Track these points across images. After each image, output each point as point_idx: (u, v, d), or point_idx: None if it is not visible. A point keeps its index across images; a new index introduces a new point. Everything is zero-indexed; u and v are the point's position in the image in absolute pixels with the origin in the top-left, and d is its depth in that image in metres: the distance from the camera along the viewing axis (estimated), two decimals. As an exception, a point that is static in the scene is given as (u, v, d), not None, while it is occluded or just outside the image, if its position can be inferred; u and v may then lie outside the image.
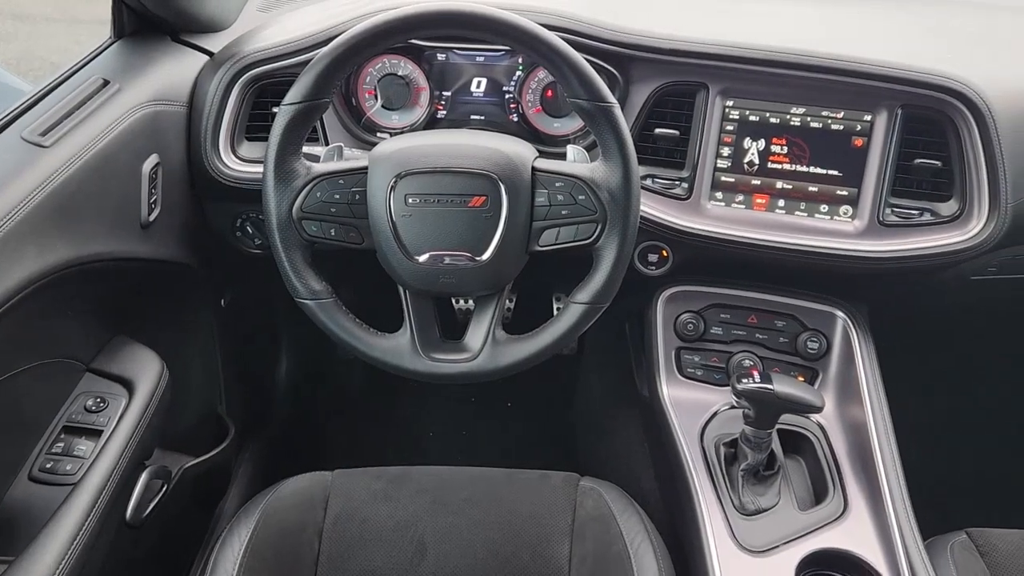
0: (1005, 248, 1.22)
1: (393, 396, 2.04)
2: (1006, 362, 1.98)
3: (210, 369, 1.55)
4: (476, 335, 1.06)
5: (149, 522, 1.14)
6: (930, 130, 1.20)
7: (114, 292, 1.17)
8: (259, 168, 1.07)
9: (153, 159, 1.15)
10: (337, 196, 1.01)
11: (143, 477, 1.12)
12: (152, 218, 1.16)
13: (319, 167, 1.02)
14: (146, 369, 1.16)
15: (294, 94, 0.98)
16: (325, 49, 0.98)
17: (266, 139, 1.00)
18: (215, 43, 1.30)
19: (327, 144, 1.27)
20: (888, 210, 1.23)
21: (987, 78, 1.17)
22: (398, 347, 1.06)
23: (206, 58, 1.28)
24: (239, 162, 1.25)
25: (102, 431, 1.07)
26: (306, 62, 1.03)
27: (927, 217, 1.22)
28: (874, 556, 1.07)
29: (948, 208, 1.22)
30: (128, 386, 1.13)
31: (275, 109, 1.07)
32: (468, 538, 1.10)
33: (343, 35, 0.97)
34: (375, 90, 1.29)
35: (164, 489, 1.19)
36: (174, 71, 1.24)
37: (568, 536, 1.10)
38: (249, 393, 1.73)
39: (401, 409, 2.04)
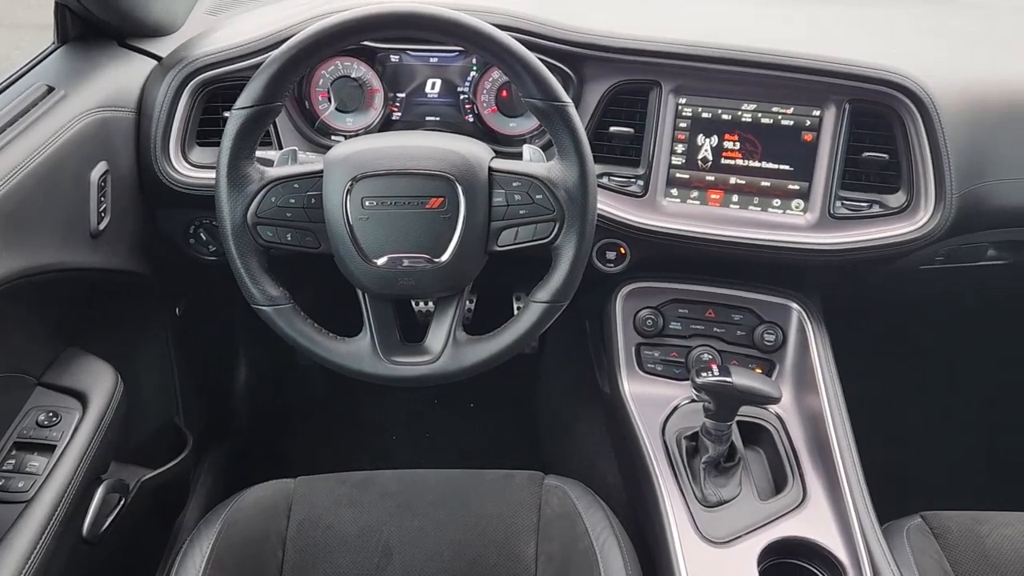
0: (951, 238, 1.25)
1: (354, 401, 2.02)
2: (955, 348, 2.04)
3: (166, 379, 1.52)
4: (437, 337, 1.06)
5: (107, 538, 1.12)
6: (877, 124, 1.23)
7: (65, 303, 1.15)
8: (211, 174, 1.06)
9: (102, 167, 1.13)
10: (292, 200, 1.00)
11: (99, 492, 1.10)
12: (102, 227, 1.14)
13: (273, 172, 1.01)
14: (99, 381, 1.13)
15: (246, 98, 0.97)
16: (277, 52, 0.97)
17: (218, 144, 0.99)
18: (163, 47, 1.28)
19: (281, 148, 1.25)
20: (838, 203, 1.25)
21: (931, 72, 1.20)
22: (358, 351, 1.05)
23: (154, 63, 1.26)
24: (190, 168, 1.23)
25: (55, 446, 1.04)
26: (257, 65, 1.02)
27: (876, 209, 1.25)
28: (833, 542, 1.09)
29: (896, 200, 1.24)
30: (81, 399, 1.10)
31: (226, 114, 1.06)
32: (434, 541, 1.10)
33: (295, 37, 0.96)
34: (328, 93, 1.28)
35: (122, 503, 1.16)
36: (121, 76, 1.21)
37: (534, 535, 1.10)
38: (207, 402, 1.70)
39: (363, 414, 2.02)
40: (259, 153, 1.02)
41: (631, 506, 1.36)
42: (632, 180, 1.28)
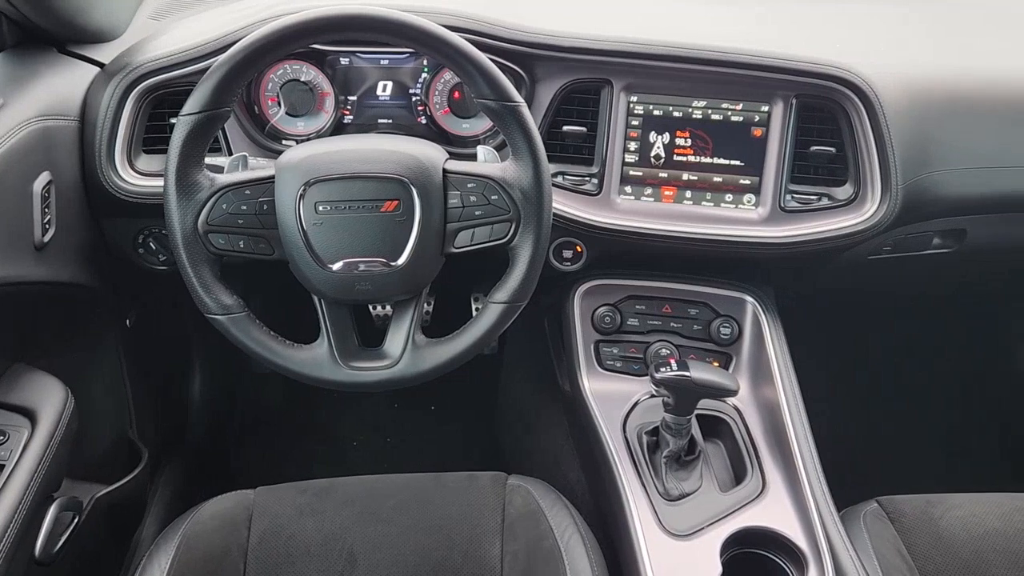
0: (898, 227, 1.28)
1: (313, 408, 2.00)
2: (903, 336, 2.09)
3: (118, 392, 1.49)
4: (396, 341, 1.05)
5: (61, 558, 1.09)
6: (824, 118, 1.25)
7: (10, 318, 1.12)
8: (159, 182, 1.04)
9: (45, 177, 1.10)
10: (244, 207, 0.99)
11: (52, 510, 1.07)
12: (47, 239, 1.11)
13: (223, 178, 0.99)
14: (49, 397, 1.10)
15: (192, 104, 0.95)
16: (223, 56, 0.95)
17: (165, 151, 0.97)
18: (105, 54, 1.25)
19: (230, 154, 1.23)
20: (788, 196, 1.27)
21: (875, 66, 1.23)
22: (316, 358, 1.04)
23: (97, 70, 1.22)
24: (137, 176, 1.20)
25: (3, 465, 1.01)
26: (204, 70, 1.00)
27: (825, 202, 1.27)
28: (793, 531, 1.11)
29: (844, 192, 1.27)
30: (30, 416, 1.07)
31: (173, 120, 1.04)
32: (398, 545, 1.09)
33: (242, 41, 0.95)
34: (278, 97, 1.26)
35: (75, 521, 1.13)
36: (63, 84, 1.18)
37: (499, 535, 1.10)
38: (161, 415, 1.67)
39: (322, 421, 2.00)
40: (208, 159, 1.00)
41: (595, 502, 1.36)
42: (586, 179, 1.29)
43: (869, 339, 2.10)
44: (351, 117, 1.29)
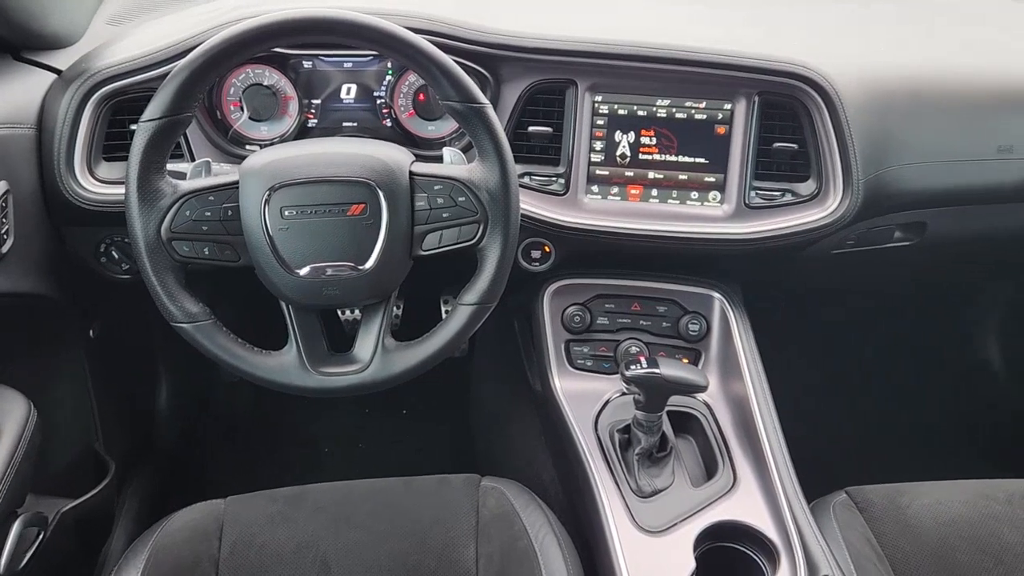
0: (860, 222, 1.30)
1: (283, 415, 1.99)
2: (868, 329, 2.13)
3: (82, 404, 1.46)
4: (365, 345, 1.05)
5: (26, 575, 1.07)
6: (785, 115, 1.27)
7: (-32, 331, 1.09)
8: (121, 189, 1.02)
9: (1, 186, 1.08)
10: (208, 214, 0.98)
11: (16, 527, 1.05)
12: (5, 249, 1.08)
13: (186, 184, 0.98)
14: (10, 411, 1.08)
15: (153, 110, 0.94)
16: (184, 61, 0.94)
17: (126, 159, 0.96)
18: (62, 60, 1.23)
19: (193, 160, 1.22)
20: (753, 193, 1.29)
21: (835, 63, 1.24)
22: (285, 364, 1.03)
23: (53, 76, 1.20)
24: (98, 184, 1.18)
25: (-36, 482, 0.99)
26: (164, 76, 0.99)
27: (788, 198, 1.29)
28: (764, 524, 1.12)
29: (807, 188, 1.29)
30: None
31: (133, 127, 1.02)
32: (372, 552, 1.09)
33: (202, 46, 0.94)
34: (240, 101, 1.25)
35: (41, 537, 1.11)
36: (18, 92, 1.16)
37: (473, 537, 1.10)
38: (128, 426, 1.64)
39: (293, 428, 1.99)
40: (171, 166, 0.99)
41: (568, 502, 1.37)
42: (553, 179, 1.29)
43: (834, 332, 2.13)
44: (315, 121, 1.28)
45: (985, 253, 1.67)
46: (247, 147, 1.26)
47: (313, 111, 1.28)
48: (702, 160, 1.29)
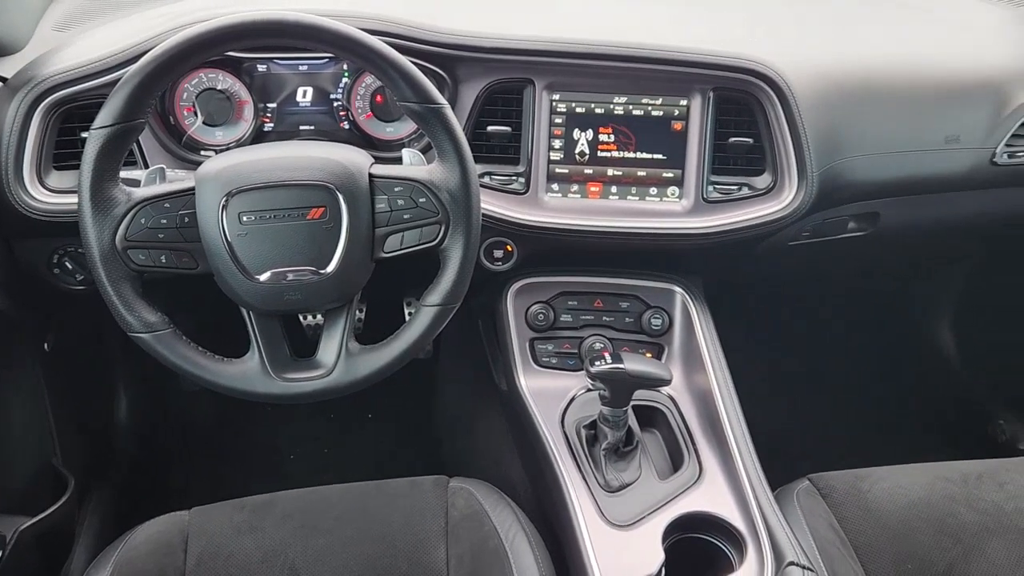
0: (815, 213, 1.33)
1: (247, 423, 1.96)
2: (826, 318, 2.17)
3: (39, 420, 1.43)
4: (329, 349, 1.04)
5: (-15, 595, 1.04)
6: (740, 110, 1.28)
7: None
8: (73, 199, 1.00)
9: (-53, 198, 1.05)
10: (164, 221, 0.96)
11: (-27, 547, 1.03)
12: (-47, 263, 1.06)
13: (140, 192, 0.97)
14: None
15: (104, 117, 0.92)
16: (135, 66, 0.92)
17: (78, 167, 0.94)
18: (7, 67, 1.20)
19: (147, 167, 1.20)
20: (710, 188, 1.30)
21: (787, 58, 1.26)
22: (247, 372, 1.02)
23: (-1, 84, 1.18)
24: (49, 194, 1.16)
25: (-83, 503, 0.96)
26: (114, 82, 0.97)
27: (745, 191, 1.31)
28: (730, 513, 1.13)
29: (763, 181, 1.31)
30: None
31: (84, 135, 1.00)
32: (342, 557, 1.08)
33: (154, 50, 0.92)
34: (194, 106, 1.23)
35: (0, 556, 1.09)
36: (-38, 101, 1.13)
37: (443, 539, 1.10)
38: (87, 439, 1.61)
39: (257, 436, 1.96)
40: (124, 173, 0.97)
41: (537, 499, 1.37)
42: (513, 178, 1.29)
43: (791, 323, 2.17)
44: (271, 125, 1.27)
45: (936, 241, 1.71)
46: (202, 153, 1.24)
47: (269, 115, 1.27)
48: (660, 156, 1.30)
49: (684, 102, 1.28)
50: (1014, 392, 1.91)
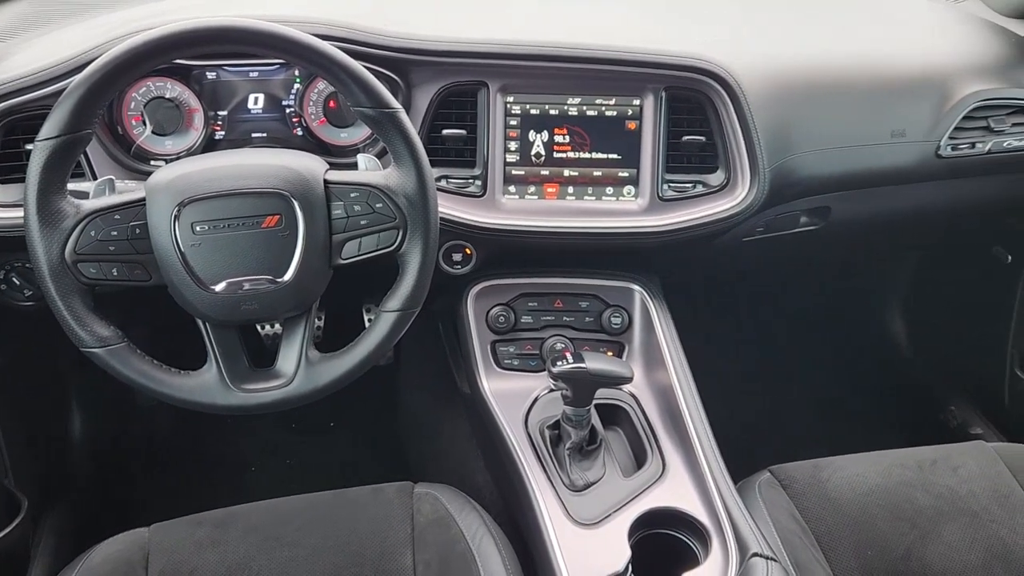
0: (768, 209, 1.35)
1: (206, 436, 1.93)
2: (782, 312, 2.20)
3: (-10, 440, 1.39)
4: (288, 359, 1.03)
5: (-63, 623, 1.01)
6: (692, 109, 1.30)
7: None
8: (18, 212, 0.97)
9: None
10: (115, 233, 0.94)
11: (-77, 574, 0.99)
12: None
13: (89, 204, 0.95)
14: None
15: (50, 128, 0.90)
16: (81, 76, 0.90)
17: (23, 180, 0.91)
18: (-54, 79, 1.16)
19: (95, 178, 1.17)
20: (665, 186, 1.32)
21: (737, 57, 1.28)
22: (205, 384, 1.00)
23: (-63, 96, 1.14)
24: (-7, 208, 1.13)
25: None
26: (59, 92, 0.95)
27: (699, 189, 1.32)
28: (694, 507, 1.15)
29: (716, 178, 1.32)
30: None
31: (29, 147, 0.98)
32: (307, 568, 1.07)
33: (100, 59, 0.90)
34: (143, 116, 1.21)
35: (-49, 583, 1.05)
36: (-101, 114, 1.10)
37: (409, 545, 1.09)
38: (41, 459, 1.57)
39: (217, 449, 1.93)
40: (72, 185, 0.95)
41: (503, 502, 1.37)
42: (470, 181, 1.29)
43: (751, 318, 2.20)
44: (223, 133, 1.25)
45: (886, 232, 1.75)
46: (152, 163, 1.22)
47: (220, 123, 1.25)
48: (615, 156, 1.31)
49: (637, 102, 1.29)
50: (964, 380, 1.96)
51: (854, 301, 2.22)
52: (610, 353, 1.38)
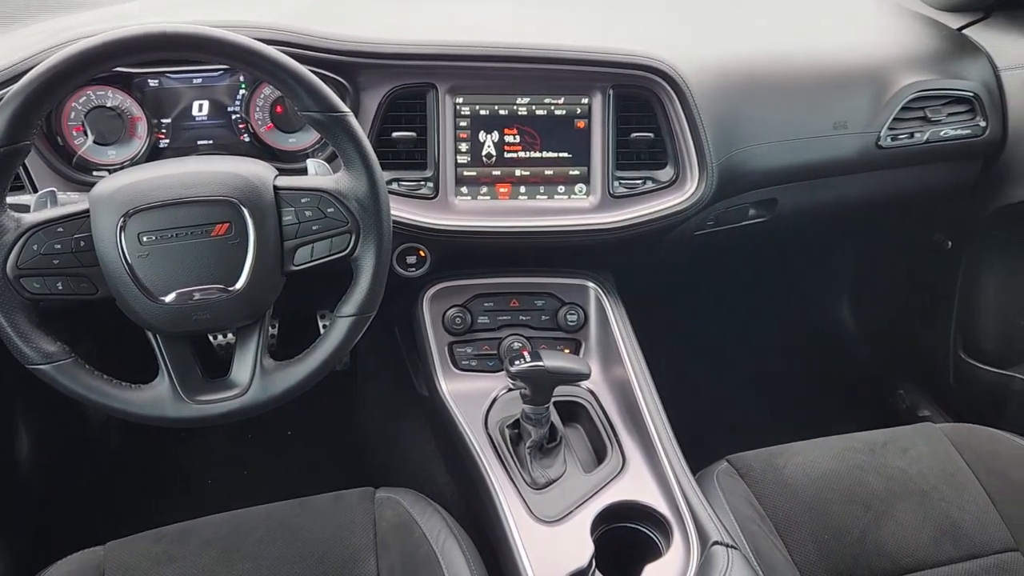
0: (717, 202, 1.37)
1: (159, 450, 1.89)
2: (734, 304, 2.24)
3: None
4: (243, 368, 1.01)
5: None
6: (640, 106, 1.31)
7: None
8: (-45, 228, 0.94)
9: None
10: (58, 246, 0.92)
11: None
12: None
13: (30, 217, 0.92)
14: None
15: (-15, 140, 0.88)
16: (17, 86, 0.88)
17: (-41, 194, 0.89)
18: None
19: (36, 191, 1.14)
20: (616, 183, 1.33)
21: (682, 54, 1.30)
22: (157, 397, 0.98)
23: None
24: (-72, 224, 1.09)
25: None
26: (-5, 103, 0.92)
27: (649, 185, 1.34)
28: (655, 499, 1.16)
29: (666, 174, 1.34)
30: None
31: (-36, 160, 0.95)
32: (269, 579, 1.05)
33: (37, 68, 0.88)
34: (83, 126, 1.18)
35: None
36: None
37: (372, 551, 1.09)
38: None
39: (172, 462, 1.90)
40: (11, 199, 0.93)
41: (466, 503, 1.37)
42: (422, 183, 1.29)
43: (704, 310, 2.23)
44: (167, 141, 1.23)
45: (832, 222, 1.79)
46: (95, 173, 1.19)
47: (164, 131, 1.22)
48: (565, 154, 1.32)
49: (585, 100, 1.30)
50: (911, 364, 2.01)
51: (803, 291, 2.26)
52: (567, 350, 1.39)
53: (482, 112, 1.28)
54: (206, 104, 1.23)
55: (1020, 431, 1.34)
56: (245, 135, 1.26)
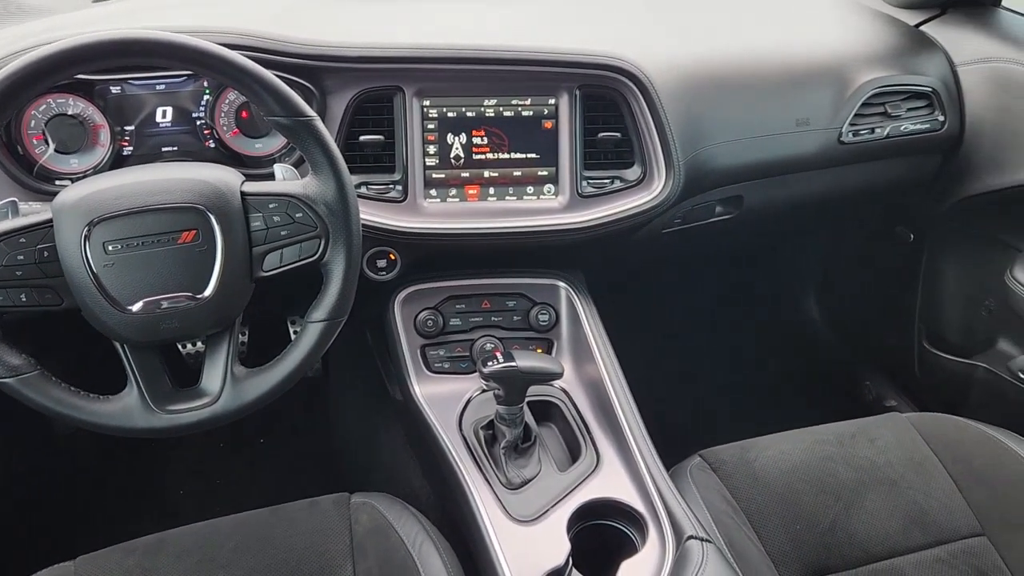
0: (684, 200, 1.38)
1: (131, 462, 1.87)
2: (704, 300, 2.26)
3: None
4: (213, 376, 1.00)
5: None
6: (607, 106, 1.32)
7: None
8: (-86, 241, 0.93)
9: None
10: (21, 257, 0.90)
11: None
12: None
13: (-9, 228, 0.91)
14: None
15: (-59, 152, 0.86)
16: (-27, 96, 0.87)
17: (-83, 206, 0.87)
18: None
19: (-4, 201, 1.12)
20: (584, 183, 1.34)
21: (648, 55, 1.31)
22: (126, 408, 0.97)
23: None
24: None
25: None
26: (-50, 113, 0.91)
27: (617, 184, 1.35)
28: (629, 496, 1.17)
29: (633, 173, 1.35)
30: None
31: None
32: (245, 588, 1.05)
33: (-6, 77, 0.87)
34: (44, 134, 1.16)
35: None
36: None
37: (349, 557, 1.08)
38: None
39: (143, 474, 1.87)
40: (-30, 210, 0.91)
41: (442, 506, 1.37)
42: (390, 186, 1.29)
43: (674, 307, 2.25)
44: (131, 148, 1.22)
45: (797, 217, 1.81)
46: (57, 182, 1.18)
47: (127, 138, 1.21)
48: (533, 155, 1.32)
49: (552, 101, 1.30)
50: (877, 355, 2.04)
51: (770, 285, 2.29)
52: (539, 350, 1.39)
53: (450, 114, 1.29)
54: (170, 110, 1.22)
55: (984, 419, 1.37)
56: (211, 141, 1.24)
